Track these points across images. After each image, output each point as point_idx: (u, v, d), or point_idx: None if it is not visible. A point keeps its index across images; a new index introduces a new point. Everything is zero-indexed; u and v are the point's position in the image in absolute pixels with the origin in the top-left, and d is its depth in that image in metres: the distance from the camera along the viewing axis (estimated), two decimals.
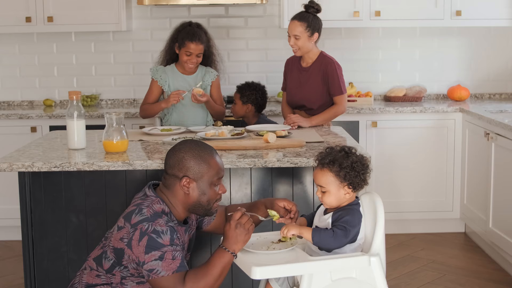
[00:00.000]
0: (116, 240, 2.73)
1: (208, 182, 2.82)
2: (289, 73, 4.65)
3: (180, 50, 4.46)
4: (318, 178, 2.81)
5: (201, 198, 2.82)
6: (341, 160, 2.77)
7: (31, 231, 3.58)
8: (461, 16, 5.57)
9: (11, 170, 3.33)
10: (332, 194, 2.78)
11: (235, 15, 5.97)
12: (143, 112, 4.63)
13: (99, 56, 5.98)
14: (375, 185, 5.45)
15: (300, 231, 2.74)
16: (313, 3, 4.45)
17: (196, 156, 2.80)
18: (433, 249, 5.19)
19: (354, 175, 2.76)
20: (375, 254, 2.66)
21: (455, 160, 5.43)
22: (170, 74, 4.52)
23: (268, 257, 2.66)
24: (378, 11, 5.56)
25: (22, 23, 5.56)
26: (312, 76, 4.48)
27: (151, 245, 2.64)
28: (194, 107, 4.56)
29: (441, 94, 6.05)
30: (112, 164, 3.34)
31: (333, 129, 4.39)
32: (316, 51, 4.50)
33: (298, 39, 4.39)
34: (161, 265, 2.63)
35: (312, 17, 4.42)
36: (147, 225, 2.67)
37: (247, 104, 4.85)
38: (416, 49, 6.03)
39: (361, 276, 2.64)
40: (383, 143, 5.45)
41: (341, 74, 4.50)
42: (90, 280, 2.81)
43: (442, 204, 5.50)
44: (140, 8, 5.90)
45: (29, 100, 6.02)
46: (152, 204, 2.76)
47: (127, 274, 2.76)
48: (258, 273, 2.52)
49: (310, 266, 2.57)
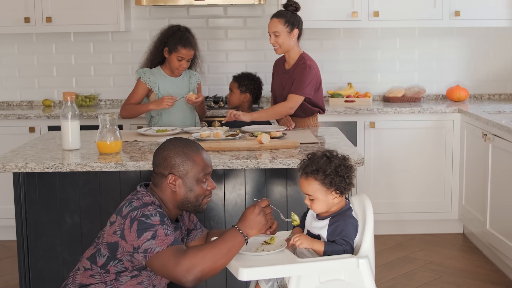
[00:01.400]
0: (109, 235, 2.74)
1: (194, 179, 2.82)
2: (275, 74, 4.65)
3: (170, 55, 4.46)
4: (305, 187, 2.80)
5: (188, 195, 2.83)
6: (324, 167, 2.75)
7: (26, 231, 3.60)
8: (460, 17, 5.55)
9: (4, 170, 3.34)
10: (321, 201, 2.77)
11: (234, 15, 5.97)
12: (125, 111, 4.54)
13: (98, 57, 5.99)
14: (373, 186, 5.45)
15: (312, 245, 2.72)
16: (291, 2, 4.45)
17: (180, 153, 2.82)
18: (431, 250, 5.18)
19: (340, 180, 2.74)
20: (364, 256, 2.65)
21: (453, 161, 5.42)
22: (158, 77, 4.52)
23: (257, 258, 2.65)
24: (377, 11, 5.55)
25: (21, 24, 5.57)
26: (290, 78, 4.45)
27: (141, 228, 2.64)
28: (183, 109, 4.57)
29: (440, 95, 6.03)
30: (105, 165, 3.34)
31: (328, 129, 4.38)
32: (297, 52, 4.47)
33: (278, 36, 4.38)
34: (155, 242, 2.62)
35: (290, 13, 4.41)
36: (136, 212, 2.69)
37: (245, 93, 4.85)
38: (415, 50, 6.02)
39: (350, 278, 2.64)
40: (381, 144, 5.44)
41: (310, 77, 4.35)
42: (83, 280, 2.81)
43: (440, 205, 5.49)
44: (138, 8, 5.90)
45: (28, 100, 6.03)
46: (142, 197, 2.79)
47: (122, 269, 2.76)
48: (245, 275, 2.51)
49: (298, 268, 2.57)
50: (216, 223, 3.62)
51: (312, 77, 4.37)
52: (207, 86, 5.99)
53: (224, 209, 3.62)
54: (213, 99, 5.73)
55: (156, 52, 4.55)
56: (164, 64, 4.55)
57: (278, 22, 4.38)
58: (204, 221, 3.60)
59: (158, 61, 4.57)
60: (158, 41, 4.54)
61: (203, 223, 3.59)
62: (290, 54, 4.48)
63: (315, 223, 2.83)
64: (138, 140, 3.98)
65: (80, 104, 5.84)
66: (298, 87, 4.34)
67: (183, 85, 4.58)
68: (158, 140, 3.89)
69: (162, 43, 4.51)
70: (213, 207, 3.60)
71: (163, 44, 4.50)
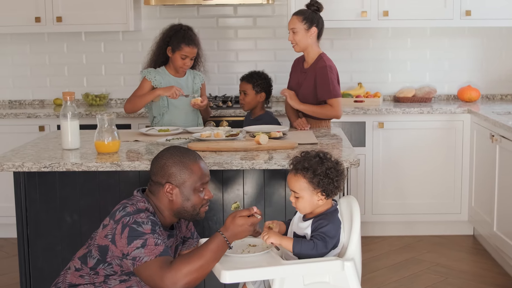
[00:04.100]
0: (101, 237, 2.76)
1: (191, 188, 2.83)
2: (293, 73, 4.64)
3: (174, 54, 4.46)
4: (292, 183, 2.78)
5: (185, 204, 2.84)
6: (315, 167, 2.73)
7: (26, 230, 3.62)
8: (470, 16, 5.49)
9: (2, 170, 3.37)
10: (306, 200, 2.75)
11: (244, 15, 5.96)
12: (129, 103, 4.48)
13: (108, 56, 6.03)
14: (381, 186, 5.42)
15: (280, 241, 2.71)
16: (313, 1, 4.43)
17: (177, 162, 2.82)
18: (438, 252, 5.14)
19: (328, 182, 2.72)
20: (350, 258, 2.63)
21: (463, 161, 5.36)
22: (163, 76, 4.52)
23: (242, 260, 2.65)
24: (386, 11, 5.51)
25: (31, 23, 5.62)
26: (307, 78, 4.45)
27: (132, 235, 2.65)
28: (186, 110, 4.56)
29: (452, 95, 5.98)
30: (100, 165, 3.36)
31: (331, 130, 4.36)
32: (316, 51, 4.46)
33: (296, 33, 4.38)
34: (144, 251, 2.63)
35: (310, 12, 4.41)
36: (128, 218, 2.70)
37: (261, 92, 4.76)
38: (426, 50, 5.97)
39: (335, 281, 2.62)
40: (389, 144, 5.40)
41: (334, 78, 4.38)
42: (73, 280, 2.83)
43: (450, 206, 5.43)
44: (149, 8, 5.93)
45: (40, 99, 6.09)
46: (137, 203, 2.79)
47: (111, 272, 2.77)
48: (227, 277, 2.51)
49: (281, 270, 2.56)
50: (215, 223, 3.62)
51: (335, 76, 4.40)
52: (216, 86, 6.00)
53: (223, 209, 3.61)
54: (222, 99, 5.72)
55: (159, 52, 4.55)
56: (168, 64, 4.56)
57: (296, 19, 4.39)
58: (202, 221, 3.60)
59: (162, 61, 4.58)
60: (161, 40, 4.54)
61: (201, 223, 3.59)
62: (309, 53, 4.47)
63: (300, 224, 2.82)
64: (139, 140, 3.99)
65: (91, 103, 5.88)
66: (328, 91, 4.33)
67: (188, 85, 4.58)
68: (157, 140, 3.90)
69: (165, 42, 4.51)
70: (212, 207, 3.59)
71: (166, 43, 4.50)
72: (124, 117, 5.38)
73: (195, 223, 3.46)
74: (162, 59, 4.57)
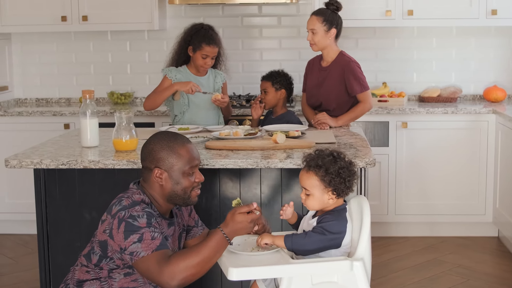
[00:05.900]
0: (100, 233, 2.80)
1: (180, 172, 2.84)
2: (309, 73, 4.63)
3: (195, 53, 4.48)
4: (303, 180, 2.79)
5: (175, 188, 2.85)
6: (328, 165, 2.74)
7: (46, 226, 3.67)
8: (496, 15, 5.43)
9: (21, 167, 3.42)
10: (316, 198, 2.76)
11: (268, 14, 5.97)
12: (148, 100, 4.51)
13: (134, 55, 6.08)
14: (405, 187, 5.38)
15: (273, 240, 2.73)
16: (333, 1, 4.43)
17: (165, 147, 2.85)
18: (461, 253, 5.09)
19: (339, 182, 2.72)
20: (359, 258, 2.62)
21: (488, 162, 5.30)
22: (184, 75, 4.55)
23: (251, 258, 2.65)
24: (411, 10, 5.47)
25: (58, 22, 5.69)
26: (330, 75, 4.45)
27: (128, 230, 2.68)
28: (207, 108, 4.58)
29: (478, 95, 5.91)
30: (117, 163, 3.39)
31: (351, 129, 4.34)
32: (335, 50, 4.47)
33: (315, 34, 4.39)
34: (140, 246, 2.65)
35: (330, 12, 4.40)
36: (124, 212, 2.72)
37: (281, 90, 4.75)
38: (452, 49, 5.91)
39: (343, 281, 2.61)
40: (413, 144, 5.36)
41: (361, 72, 4.44)
42: (81, 276, 2.87)
43: (474, 207, 5.38)
44: (174, 7, 5.96)
45: (67, 97, 6.16)
46: (132, 195, 2.82)
47: (113, 266, 2.81)
48: (234, 275, 2.52)
49: (289, 269, 2.56)
50: None
51: (361, 70, 4.45)
52: (241, 85, 6.01)
53: None
54: (245, 98, 5.73)
55: (180, 51, 4.58)
56: (189, 63, 4.58)
57: (317, 20, 4.39)
58: (220, 219, 3.61)
59: (183, 60, 4.60)
60: (182, 40, 4.57)
61: (218, 221, 3.60)
62: (328, 52, 4.47)
63: (310, 221, 2.82)
64: None
65: (116, 102, 5.94)
66: (359, 84, 4.40)
67: (209, 84, 4.60)
68: None
69: (186, 42, 4.53)
70: (229, 206, 3.59)
71: (187, 43, 4.52)
72: (147, 115, 5.42)
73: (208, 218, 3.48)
74: (183, 58, 4.59)
